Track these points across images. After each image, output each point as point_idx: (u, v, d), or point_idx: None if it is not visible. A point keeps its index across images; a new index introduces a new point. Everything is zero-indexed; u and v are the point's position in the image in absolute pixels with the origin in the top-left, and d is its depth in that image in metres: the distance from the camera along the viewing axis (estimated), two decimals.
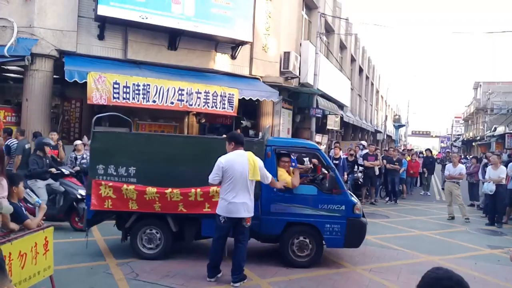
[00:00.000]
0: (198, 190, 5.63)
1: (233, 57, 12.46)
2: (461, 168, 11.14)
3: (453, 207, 10.93)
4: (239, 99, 11.48)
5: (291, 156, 7.22)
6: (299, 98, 15.31)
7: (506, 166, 10.54)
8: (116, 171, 5.81)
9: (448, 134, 76.21)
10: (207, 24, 11.26)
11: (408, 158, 16.31)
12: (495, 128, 34.09)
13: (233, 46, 12.32)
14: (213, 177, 5.03)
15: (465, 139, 57.18)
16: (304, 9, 16.36)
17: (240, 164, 4.99)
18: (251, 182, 5.06)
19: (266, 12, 13.14)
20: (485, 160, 13.25)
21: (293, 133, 15.45)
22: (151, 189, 5.65)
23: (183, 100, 10.64)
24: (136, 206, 5.73)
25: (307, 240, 5.93)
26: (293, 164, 7.53)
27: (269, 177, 5.31)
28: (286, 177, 5.96)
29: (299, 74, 14.59)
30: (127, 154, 5.86)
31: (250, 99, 11.83)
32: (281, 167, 6.12)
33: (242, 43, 12.12)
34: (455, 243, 8.26)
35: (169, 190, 5.65)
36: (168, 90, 10.46)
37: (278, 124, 14.01)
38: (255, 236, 6.03)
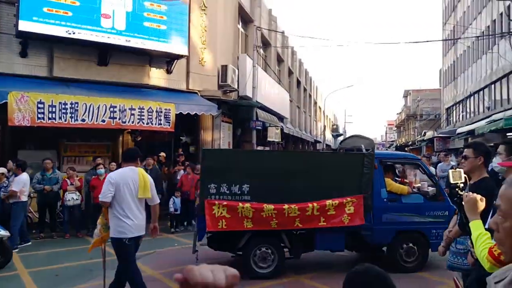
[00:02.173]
0: (315, 204, 5.72)
1: (168, 71, 12.17)
2: None
3: None
4: (176, 114, 11.19)
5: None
6: (238, 111, 15.28)
7: (435, 167, 11.15)
8: (229, 190, 5.70)
9: (383, 141, 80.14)
10: (140, 38, 10.90)
11: None
12: (425, 133, 36.26)
13: (168, 60, 12.04)
14: (105, 194, 4.61)
15: (398, 144, 60.29)
16: (240, 23, 16.48)
17: (131, 180, 4.68)
18: (140, 200, 4.77)
19: (201, 25, 13.03)
20: None
21: (234, 147, 15.35)
22: (268, 206, 5.61)
23: (115, 118, 10.18)
24: (251, 225, 5.63)
25: (415, 247, 6.23)
26: None
27: (157, 200, 5.02)
28: (398, 186, 6.36)
29: (238, 87, 14.57)
30: (240, 171, 5.77)
31: (188, 113, 11.58)
32: (387, 177, 6.43)
33: (178, 57, 11.88)
34: None
35: (287, 206, 5.64)
36: (98, 107, 9.96)
37: (218, 138, 13.85)
38: (364, 247, 6.36)
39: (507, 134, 14.73)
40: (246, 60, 15.22)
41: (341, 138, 48.16)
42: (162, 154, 12.02)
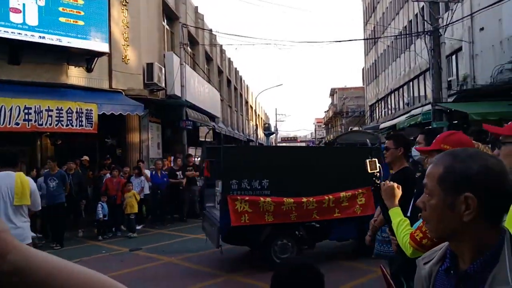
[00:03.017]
0: (331, 197, 6.03)
1: (89, 70, 11.44)
2: None
3: None
4: (100, 115, 10.56)
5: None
6: (167, 111, 14.82)
7: None
8: (250, 185, 5.84)
9: (313, 138, 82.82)
10: (55, 34, 10.13)
11: None
12: (351, 129, 37.95)
13: (88, 58, 11.32)
14: None
15: (327, 141, 62.63)
16: (165, 20, 15.99)
17: (6, 186, 4.32)
18: (18, 207, 4.39)
19: (123, 21, 12.42)
20: None
21: (164, 147, 14.88)
22: (288, 200, 5.81)
23: (30, 120, 9.38)
24: (272, 218, 5.81)
25: None
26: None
27: (38, 207, 4.69)
28: None
29: (165, 86, 14.12)
30: (260, 167, 5.91)
31: (112, 114, 10.98)
32: None
33: (98, 54, 11.21)
34: None
35: (305, 199, 5.88)
36: (11, 109, 9.13)
37: (147, 139, 13.33)
38: None
39: (425, 127, 15.77)
40: (173, 58, 14.81)
41: (273, 136, 48.94)
42: (85, 157, 11.30)
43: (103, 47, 11.13)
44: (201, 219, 8.48)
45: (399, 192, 2.51)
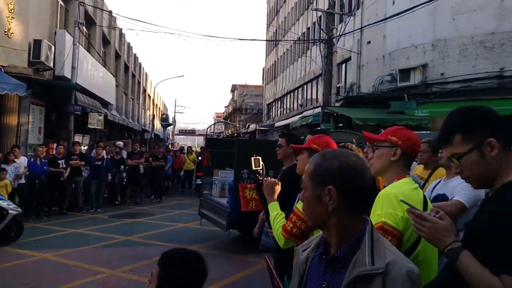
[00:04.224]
0: None
1: None
2: None
3: None
4: None
5: None
6: (54, 93, 13.58)
7: None
8: None
9: (211, 132, 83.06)
10: None
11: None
12: (249, 126, 38.92)
13: None
14: None
15: (225, 136, 63.39)
16: None
17: None
18: None
19: None
20: None
21: (47, 133, 13.64)
22: None
23: None
24: None
25: None
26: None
27: None
28: None
29: (54, 66, 12.94)
30: (265, 159, 5.28)
31: None
32: None
33: None
34: (213, 230, 8.74)
35: None
36: None
37: (26, 122, 12.06)
38: None
39: (315, 128, 16.83)
40: (65, 36, 13.63)
41: (170, 128, 48.10)
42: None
43: None
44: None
45: (278, 188, 2.71)
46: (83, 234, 8.46)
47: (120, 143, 13.87)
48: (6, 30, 11.14)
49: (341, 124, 14.94)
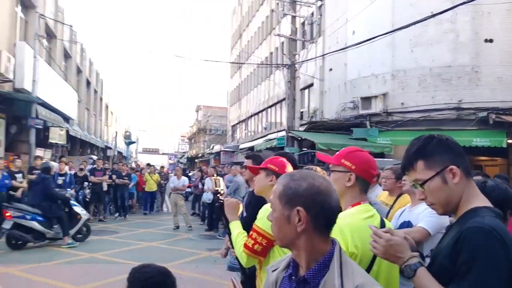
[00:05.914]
0: None
1: None
2: (184, 180, 12.00)
3: (178, 217, 11.59)
4: None
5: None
6: (13, 106, 13.15)
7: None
8: None
9: (176, 152, 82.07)
10: None
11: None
12: (213, 147, 38.82)
13: None
14: None
15: (189, 156, 62.76)
16: (20, 6, 14.36)
17: None
18: None
19: None
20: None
21: (7, 146, 13.11)
22: None
23: None
24: None
25: None
26: None
27: None
28: None
29: (14, 78, 12.57)
30: None
31: None
32: None
33: None
34: (180, 249, 8.70)
35: None
36: None
37: None
38: None
39: (280, 151, 17.01)
40: (25, 48, 13.30)
41: (134, 146, 47.24)
42: None
43: None
44: None
45: (240, 208, 2.78)
46: (46, 249, 8.17)
47: (94, 156, 13.53)
48: None
49: (305, 149, 15.21)
